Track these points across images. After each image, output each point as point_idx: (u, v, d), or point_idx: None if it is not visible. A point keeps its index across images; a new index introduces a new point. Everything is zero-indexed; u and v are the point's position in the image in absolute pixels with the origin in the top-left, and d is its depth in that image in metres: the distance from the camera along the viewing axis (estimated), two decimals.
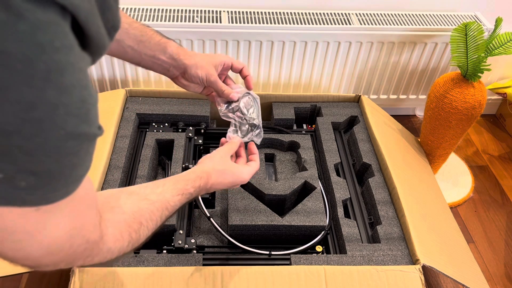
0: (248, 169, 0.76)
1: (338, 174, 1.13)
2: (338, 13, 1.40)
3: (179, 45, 0.79)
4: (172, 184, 0.61)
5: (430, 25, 1.39)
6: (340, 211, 1.01)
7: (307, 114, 1.31)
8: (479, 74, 1.17)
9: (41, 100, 0.28)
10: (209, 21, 1.31)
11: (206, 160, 0.72)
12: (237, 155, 0.81)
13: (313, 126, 1.29)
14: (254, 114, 0.85)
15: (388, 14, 1.42)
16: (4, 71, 0.26)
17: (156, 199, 0.57)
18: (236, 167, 0.74)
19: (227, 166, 0.73)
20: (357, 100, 1.32)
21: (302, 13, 1.38)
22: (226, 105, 0.84)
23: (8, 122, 0.28)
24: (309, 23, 1.34)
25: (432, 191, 1.17)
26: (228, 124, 0.82)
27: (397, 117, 1.45)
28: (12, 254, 0.36)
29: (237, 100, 0.83)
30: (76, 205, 0.38)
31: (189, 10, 1.34)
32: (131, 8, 1.33)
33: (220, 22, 1.31)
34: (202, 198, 1.02)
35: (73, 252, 0.40)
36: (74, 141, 0.32)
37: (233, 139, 0.81)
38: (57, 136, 0.30)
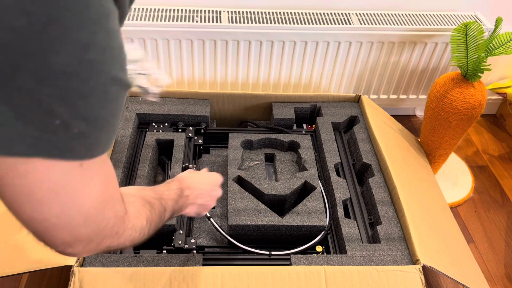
0: (213, 174, 0.80)
1: (338, 174, 1.13)
2: (338, 13, 1.40)
3: None
4: (158, 186, 0.65)
5: (430, 25, 1.39)
6: (340, 211, 1.01)
7: (307, 114, 1.31)
8: (479, 74, 1.17)
9: (94, 42, 0.31)
10: (209, 21, 1.31)
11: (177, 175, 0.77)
12: None
13: (313, 126, 1.29)
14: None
15: (388, 14, 1.42)
16: (66, 12, 0.29)
17: (153, 189, 0.61)
18: (203, 173, 0.79)
19: (194, 173, 0.77)
20: (357, 100, 1.32)
21: (302, 13, 1.38)
22: None
23: (68, 64, 0.30)
24: (309, 23, 1.34)
25: (432, 191, 1.17)
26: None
27: (397, 117, 1.45)
28: (56, 220, 0.37)
29: None
30: (106, 173, 0.41)
31: (189, 10, 1.34)
32: (131, 8, 1.33)
33: (220, 22, 1.31)
34: None
35: (104, 226, 0.42)
36: (116, 87, 0.35)
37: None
38: (105, 79, 0.33)
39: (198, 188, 0.73)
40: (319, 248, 0.97)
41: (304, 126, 1.30)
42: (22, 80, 0.29)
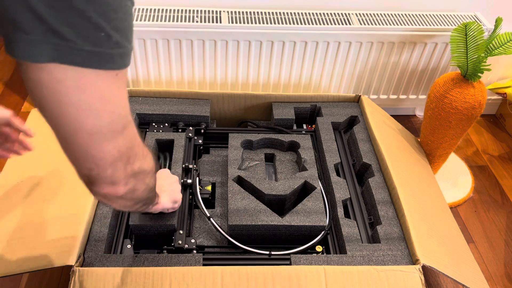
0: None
1: (338, 174, 1.13)
2: (338, 13, 1.40)
3: None
4: None
5: (430, 25, 1.39)
6: (340, 211, 1.01)
7: (307, 114, 1.31)
8: (479, 74, 1.17)
9: None
10: (209, 21, 1.31)
11: None
12: None
13: (313, 126, 1.29)
14: None
15: (388, 14, 1.42)
16: None
17: None
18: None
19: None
20: (357, 100, 1.32)
21: (302, 13, 1.38)
22: None
23: None
24: (309, 23, 1.34)
25: (432, 191, 1.17)
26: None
27: (397, 117, 1.45)
28: (106, 131, 0.45)
29: None
30: (125, 91, 0.48)
31: (189, 10, 1.34)
32: None
33: (220, 22, 1.31)
34: (202, 198, 1.02)
35: (135, 144, 0.51)
36: (129, 2, 0.42)
37: None
38: None
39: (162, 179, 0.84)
40: (319, 248, 0.97)
41: (304, 126, 1.30)
42: (77, 3, 0.37)
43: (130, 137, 0.50)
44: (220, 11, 1.35)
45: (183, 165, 1.08)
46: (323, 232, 0.98)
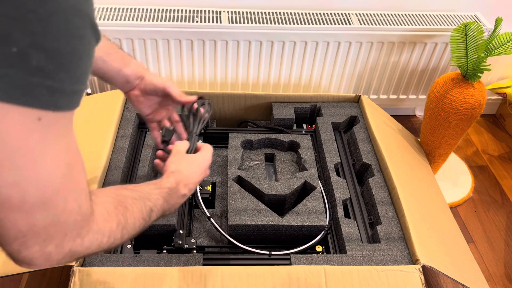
0: (204, 151, 0.77)
1: (338, 174, 1.13)
2: (338, 13, 1.40)
3: (142, 63, 0.83)
4: (145, 183, 0.61)
5: (430, 25, 1.39)
6: (340, 211, 1.01)
7: (307, 114, 1.31)
8: (479, 74, 1.17)
9: None
10: (209, 21, 1.31)
11: (172, 160, 0.72)
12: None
13: (313, 126, 1.29)
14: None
15: (388, 14, 1.42)
16: None
17: (134, 189, 0.57)
18: (193, 155, 0.76)
19: (184, 156, 0.74)
20: (357, 100, 1.32)
21: (302, 13, 1.38)
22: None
23: None
24: (309, 23, 1.34)
25: (432, 191, 1.17)
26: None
27: (397, 117, 1.46)
28: (8, 195, 0.33)
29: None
30: (70, 148, 0.37)
31: (189, 10, 1.34)
32: (131, 8, 1.33)
33: (220, 22, 1.31)
34: (202, 198, 1.02)
35: (64, 220, 0.38)
36: (80, 21, 0.32)
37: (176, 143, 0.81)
38: (66, 7, 0.30)
39: (194, 182, 0.70)
40: (319, 248, 0.97)
41: (304, 126, 1.30)
42: None
43: (55, 213, 0.37)
44: (220, 11, 1.35)
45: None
46: (323, 232, 0.98)
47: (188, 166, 0.71)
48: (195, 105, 0.84)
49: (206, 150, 0.77)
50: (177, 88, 0.83)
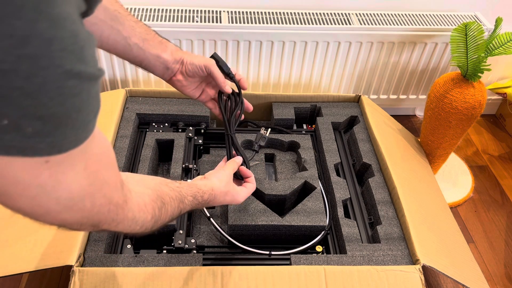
0: (245, 191, 0.82)
1: (338, 174, 1.13)
2: (338, 13, 1.40)
3: (178, 46, 0.82)
4: (187, 185, 0.65)
5: (430, 25, 1.39)
6: (340, 211, 1.01)
7: (307, 114, 1.31)
8: (479, 74, 1.17)
9: (34, 33, 0.27)
10: (209, 21, 1.31)
11: (214, 179, 0.75)
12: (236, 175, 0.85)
13: (313, 126, 1.29)
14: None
15: (388, 14, 1.42)
16: None
17: (175, 189, 0.60)
18: (236, 189, 0.79)
19: (230, 188, 0.77)
20: (357, 100, 1.32)
21: (302, 13, 1.38)
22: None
23: (2, 60, 0.26)
24: (309, 23, 1.34)
25: (432, 191, 1.17)
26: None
27: (397, 117, 1.46)
28: (31, 211, 0.36)
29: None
30: (91, 160, 0.37)
31: (189, 10, 1.34)
32: (131, 8, 1.33)
33: (220, 22, 1.31)
34: None
35: (97, 212, 0.41)
36: (75, 81, 0.31)
37: (236, 158, 0.85)
38: (56, 75, 0.29)
39: (220, 203, 0.75)
40: (319, 248, 0.97)
41: (304, 126, 1.30)
42: None
43: (83, 213, 0.41)
44: (220, 11, 1.35)
45: (183, 165, 1.08)
46: (323, 232, 0.98)
47: (223, 195, 0.74)
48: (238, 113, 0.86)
49: (248, 190, 0.82)
50: (218, 70, 0.82)
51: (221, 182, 0.75)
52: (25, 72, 0.27)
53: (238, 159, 0.84)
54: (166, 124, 1.21)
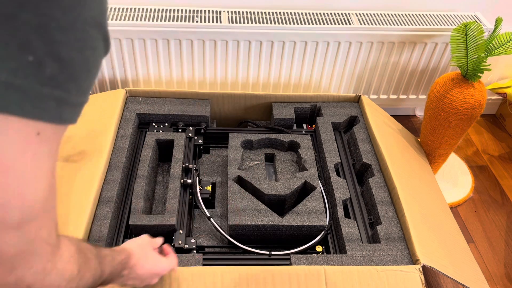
0: (168, 260, 0.75)
1: (338, 174, 1.13)
2: (338, 13, 1.40)
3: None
4: (101, 248, 0.57)
5: (430, 25, 1.39)
6: (340, 211, 1.01)
7: (307, 114, 1.31)
8: (479, 74, 1.17)
9: None
10: (209, 21, 1.31)
11: (130, 241, 0.70)
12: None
13: (313, 126, 1.29)
14: None
15: (388, 14, 1.42)
16: None
17: (94, 247, 0.53)
18: (156, 255, 0.72)
19: (149, 252, 0.70)
20: (357, 100, 1.32)
21: (302, 13, 1.38)
22: None
23: None
24: (309, 23, 1.34)
25: (432, 191, 1.17)
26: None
27: (397, 117, 1.45)
28: None
29: None
30: (54, 171, 0.36)
31: (189, 10, 1.34)
32: (131, 8, 1.33)
33: (220, 22, 1.31)
34: (202, 198, 1.02)
35: (34, 248, 0.36)
36: (96, 32, 0.32)
37: (156, 239, 0.78)
38: (87, 16, 0.31)
39: (142, 270, 0.65)
40: (319, 248, 0.97)
41: (304, 126, 1.30)
42: (3, 3, 0.26)
43: (28, 238, 0.34)
44: (220, 11, 1.35)
45: (183, 165, 1.08)
46: (323, 232, 0.98)
47: (142, 256, 0.67)
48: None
49: (168, 260, 0.74)
50: None
51: (137, 243, 0.68)
52: (66, 3, 0.29)
53: (159, 239, 0.78)
54: (166, 124, 1.21)
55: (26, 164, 0.31)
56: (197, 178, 1.07)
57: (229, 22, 1.31)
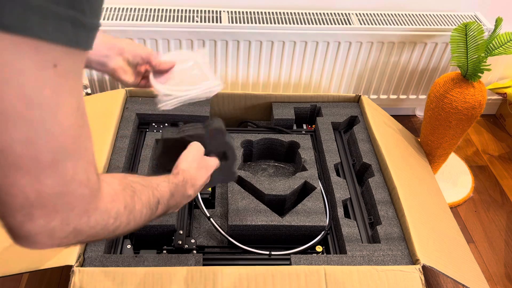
0: (212, 159, 0.76)
1: (338, 174, 1.13)
2: (338, 13, 1.40)
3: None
4: (154, 177, 0.59)
5: (430, 25, 1.39)
6: (340, 211, 1.01)
7: (307, 114, 1.31)
8: (479, 74, 1.17)
9: None
10: (209, 21, 1.31)
11: (183, 160, 0.70)
12: None
13: (313, 126, 1.29)
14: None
15: (388, 14, 1.42)
16: None
17: (144, 178, 0.54)
18: (205, 159, 0.73)
19: (199, 160, 0.72)
20: (357, 100, 1.32)
21: (302, 13, 1.38)
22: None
23: None
24: (309, 23, 1.34)
25: (432, 191, 1.17)
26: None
27: (397, 117, 1.45)
28: (20, 152, 0.30)
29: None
30: (82, 109, 0.35)
31: (189, 10, 1.34)
32: (131, 8, 1.33)
33: (220, 22, 1.31)
34: (202, 198, 1.02)
35: (72, 190, 0.35)
36: None
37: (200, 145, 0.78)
38: None
39: (199, 184, 0.68)
40: (319, 248, 0.97)
41: (304, 126, 1.30)
42: None
43: (65, 179, 0.34)
44: (220, 11, 1.35)
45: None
46: (323, 232, 0.98)
47: (198, 168, 0.69)
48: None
49: (215, 159, 0.76)
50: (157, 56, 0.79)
51: (184, 158, 0.68)
52: None
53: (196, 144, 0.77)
54: (166, 124, 1.21)
55: (47, 98, 0.30)
56: None
57: (229, 22, 1.31)
